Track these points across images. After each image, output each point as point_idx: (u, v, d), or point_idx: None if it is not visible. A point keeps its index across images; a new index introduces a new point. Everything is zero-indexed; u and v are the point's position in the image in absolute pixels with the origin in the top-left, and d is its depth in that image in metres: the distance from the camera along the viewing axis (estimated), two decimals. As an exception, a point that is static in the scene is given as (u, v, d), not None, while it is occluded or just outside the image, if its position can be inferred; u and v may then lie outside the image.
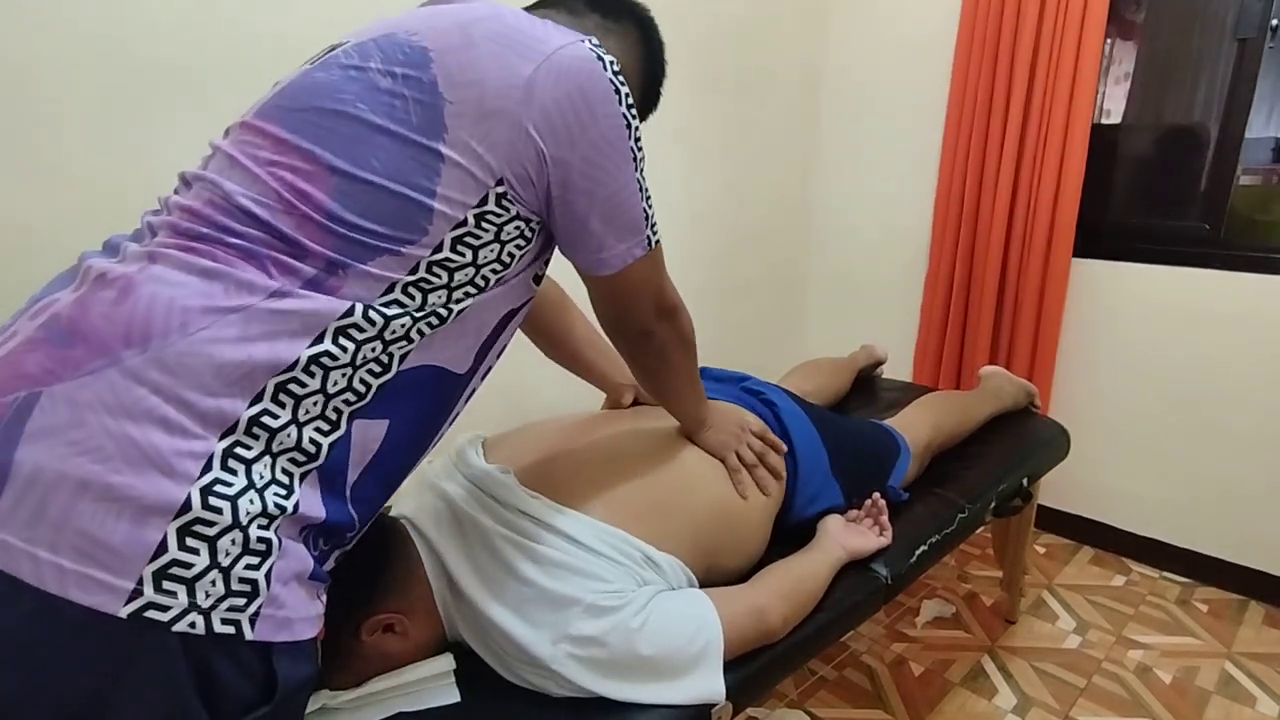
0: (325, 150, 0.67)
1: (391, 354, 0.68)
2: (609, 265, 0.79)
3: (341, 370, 0.65)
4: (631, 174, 0.77)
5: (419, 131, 0.68)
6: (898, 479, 1.35)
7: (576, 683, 0.83)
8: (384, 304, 0.66)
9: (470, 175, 0.69)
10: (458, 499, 0.95)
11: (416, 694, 0.84)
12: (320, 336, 0.63)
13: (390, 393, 0.68)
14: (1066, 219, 2.06)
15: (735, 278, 2.48)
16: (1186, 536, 2.10)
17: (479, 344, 0.76)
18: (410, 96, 0.69)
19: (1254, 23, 1.87)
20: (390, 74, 0.70)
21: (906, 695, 1.62)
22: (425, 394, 0.73)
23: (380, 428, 0.69)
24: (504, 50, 0.70)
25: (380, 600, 0.83)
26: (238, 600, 0.58)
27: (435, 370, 0.72)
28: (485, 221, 0.71)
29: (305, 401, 0.63)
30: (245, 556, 0.58)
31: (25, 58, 1.12)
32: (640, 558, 0.92)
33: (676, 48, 2.05)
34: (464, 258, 0.71)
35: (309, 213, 0.65)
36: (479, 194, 0.70)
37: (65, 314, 0.61)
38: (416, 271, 0.68)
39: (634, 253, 0.79)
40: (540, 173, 0.72)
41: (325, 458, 0.65)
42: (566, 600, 0.84)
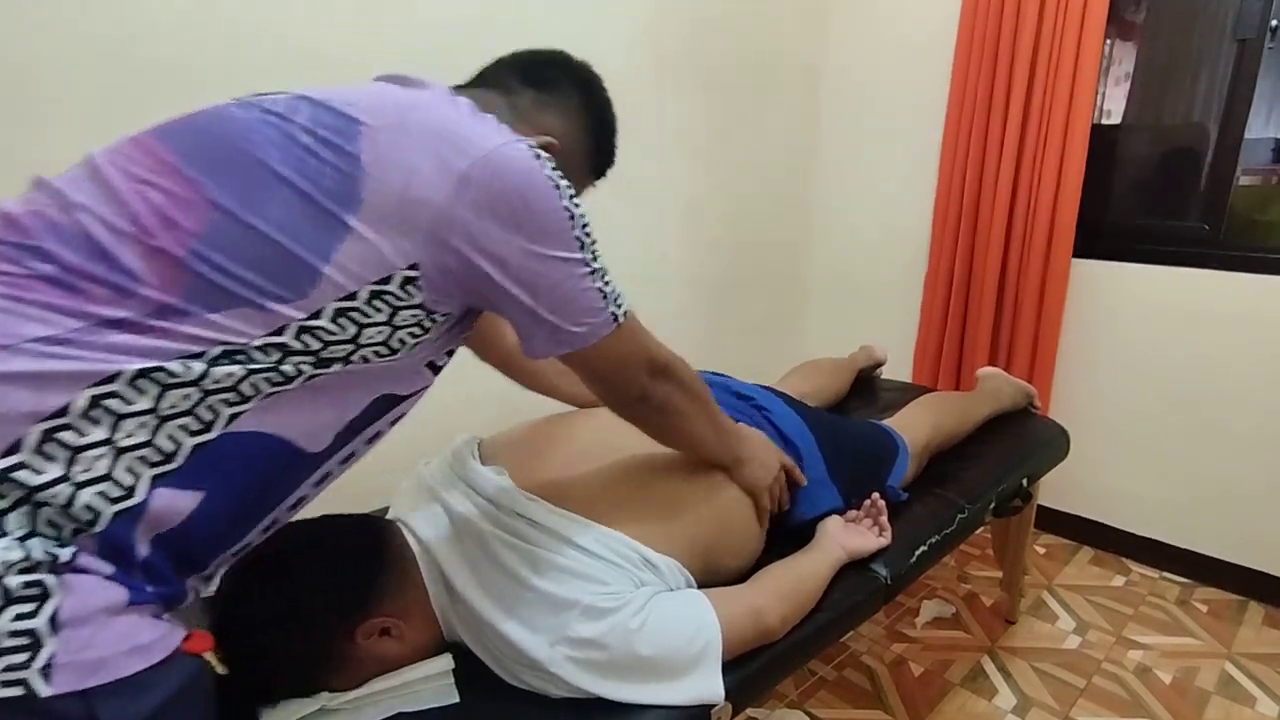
0: (213, 183, 0.61)
1: (215, 409, 0.59)
2: (569, 344, 0.75)
3: (138, 419, 0.56)
4: (576, 266, 0.72)
5: (329, 196, 0.62)
6: (897, 479, 1.35)
7: (576, 684, 0.83)
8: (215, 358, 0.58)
9: (378, 253, 0.63)
10: (454, 503, 0.94)
11: (416, 694, 0.84)
12: (109, 377, 0.55)
13: (209, 458, 0.59)
14: (1066, 219, 2.06)
15: (735, 277, 2.48)
16: (1186, 536, 2.10)
17: (342, 424, 0.68)
18: (328, 160, 0.64)
19: (1254, 23, 1.87)
20: (312, 133, 0.65)
21: (906, 695, 1.62)
22: (258, 469, 0.63)
23: (188, 500, 0.59)
24: (439, 143, 0.66)
25: (375, 604, 0.83)
26: (15, 657, 0.50)
27: (277, 442, 0.63)
28: (380, 300, 0.64)
29: (83, 455, 0.54)
30: (10, 607, 0.51)
31: (25, 58, 1.12)
32: (638, 559, 0.92)
33: (676, 48, 2.07)
34: (342, 331, 0.63)
35: (166, 245, 0.58)
36: (382, 272, 0.64)
37: None
38: (281, 334, 0.60)
39: (599, 332, 0.75)
40: (469, 268, 0.67)
41: (105, 526, 0.55)
42: (564, 603, 0.84)
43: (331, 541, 0.85)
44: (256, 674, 0.80)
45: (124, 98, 1.21)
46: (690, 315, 2.36)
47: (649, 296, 2.20)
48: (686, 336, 2.36)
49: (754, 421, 1.25)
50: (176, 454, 0.58)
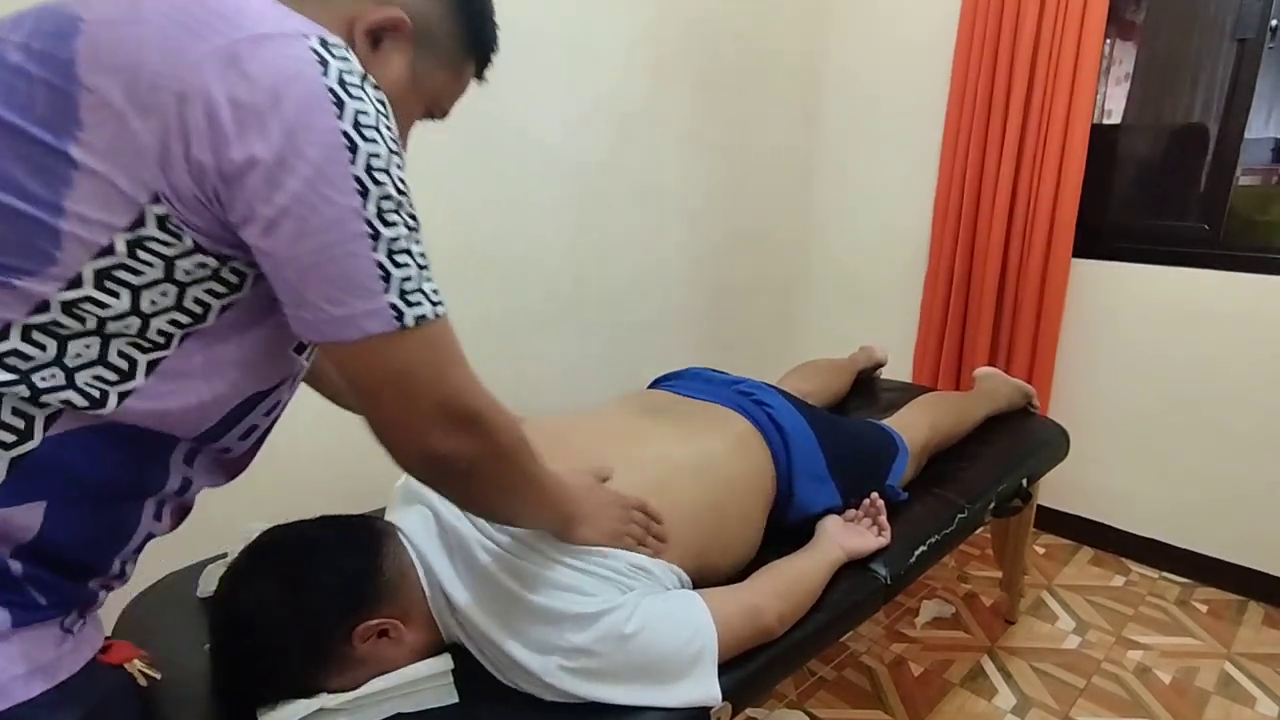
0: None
1: (27, 414, 0.51)
2: (322, 331, 0.54)
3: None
4: (349, 217, 0.52)
5: (41, 125, 0.49)
6: (896, 479, 1.35)
7: (570, 692, 0.83)
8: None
9: (112, 187, 0.49)
10: (441, 506, 0.94)
11: (415, 695, 0.84)
12: None
13: (33, 468, 0.52)
14: (1066, 219, 2.06)
15: (735, 277, 2.48)
16: (1186, 536, 2.10)
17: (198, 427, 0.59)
18: (38, 76, 0.50)
19: (1254, 23, 1.87)
20: (26, 46, 0.51)
21: (906, 695, 1.62)
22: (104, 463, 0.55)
23: (31, 514, 0.52)
24: (178, 28, 0.49)
25: (374, 606, 0.83)
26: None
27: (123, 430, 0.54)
28: (145, 251, 0.51)
29: None
30: None
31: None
32: (626, 568, 0.91)
33: (676, 48, 2.06)
34: (116, 300, 0.51)
35: None
36: (130, 213, 0.50)
37: None
38: (44, 312, 0.50)
39: (367, 326, 0.54)
40: (214, 193, 0.50)
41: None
42: (553, 614, 0.83)
43: (330, 542, 0.85)
44: (255, 675, 0.80)
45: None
46: (691, 316, 2.36)
47: (650, 297, 2.20)
48: (687, 337, 2.36)
49: (754, 416, 1.25)
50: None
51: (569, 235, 1.94)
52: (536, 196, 1.85)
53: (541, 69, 1.76)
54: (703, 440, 1.16)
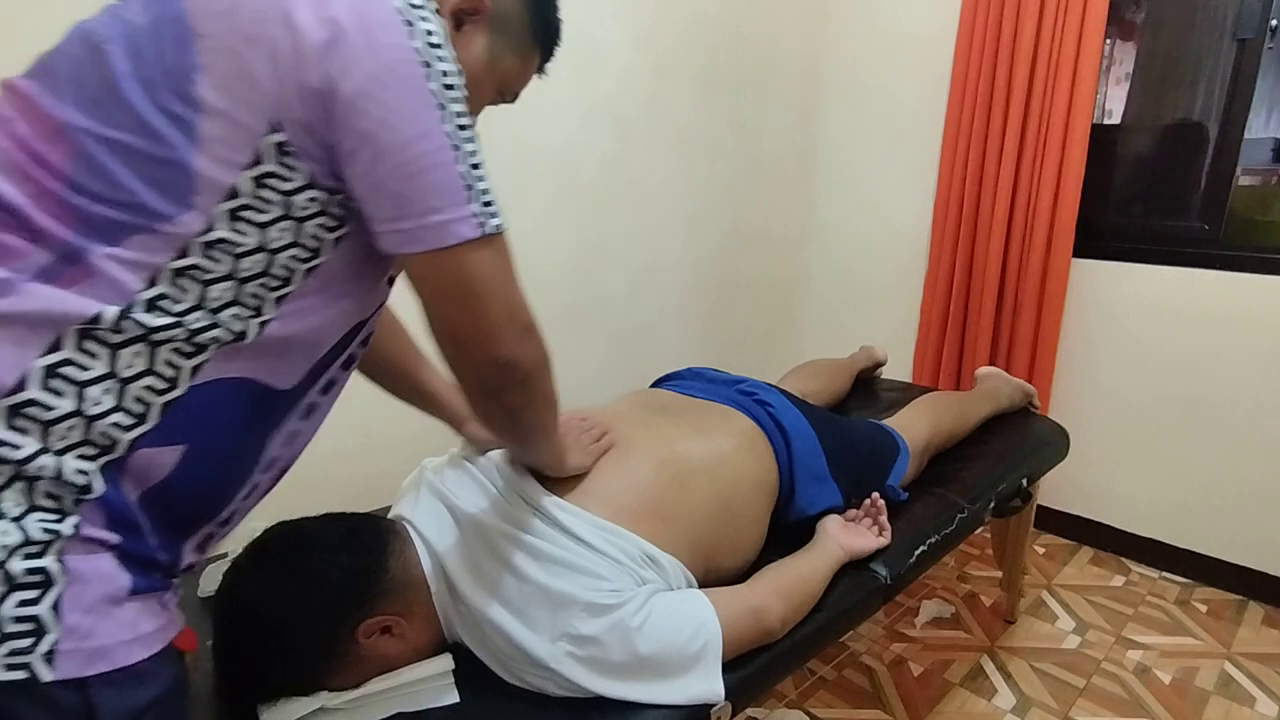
0: (67, 102, 0.55)
1: (176, 364, 0.56)
2: (418, 239, 0.59)
3: (101, 386, 0.54)
4: (435, 124, 0.58)
5: (169, 74, 0.54)
6: (896, 479, 1.35)
7: (575, 682, 0.83)
8: (146, 302, 0.54)
9: (234, 122, 0.55)
10: (456, 497, 0.95)
11: (415, 694, 0.84)
12: (56, 344, 0.52)
13: (181, 412, 0.57)
14: (1066, 219, 2.06)
15: (735, 277, 2.48)
16: (1186, 537, 2.10)
17: (311, 360, 0.64)
18: (159, 32, 0.55)
19: (1254, 23, 1.88)
20: (141, 15, 0.56)
21: (906, 695, 1.62)
22: (236, 412, 0.60)
23: (171, 455, 0.57)
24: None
25: (377, 602, 0.83)
26: (20, 642, 0.51)
27: (246, 384, 0.60)
28: (266, 188, 0.56)
29: (57, 427, 0.53)
30: (14, 594, 0.51)
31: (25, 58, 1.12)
32: (640, 556, 0.92)
33: (676, 48, 2.07)
34: (246, 239, 0.57)
35: (43, 181, 0.53)
36: (250, 148, 0.55)
37: None
38: (185, 255, 0.55)
39: (458, 229, 0.59)
40: (321, 113, 0.56)
41: (102, 493, 0.55)
42: (565, 599, 0.84)
43: (333, 538, 0.85)
44: (257, 671, 0.80)
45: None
46: (691, 315, 2.36)
47: (650, 297, 2.20)
48: (687, 337, 2.36)
49: (756, 416, 1.25)
50: (148, 413, 0.56)
51: (569, 235, 1.94)
52: (536, 197, 1.85)
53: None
54: (714, 440, 1.16)
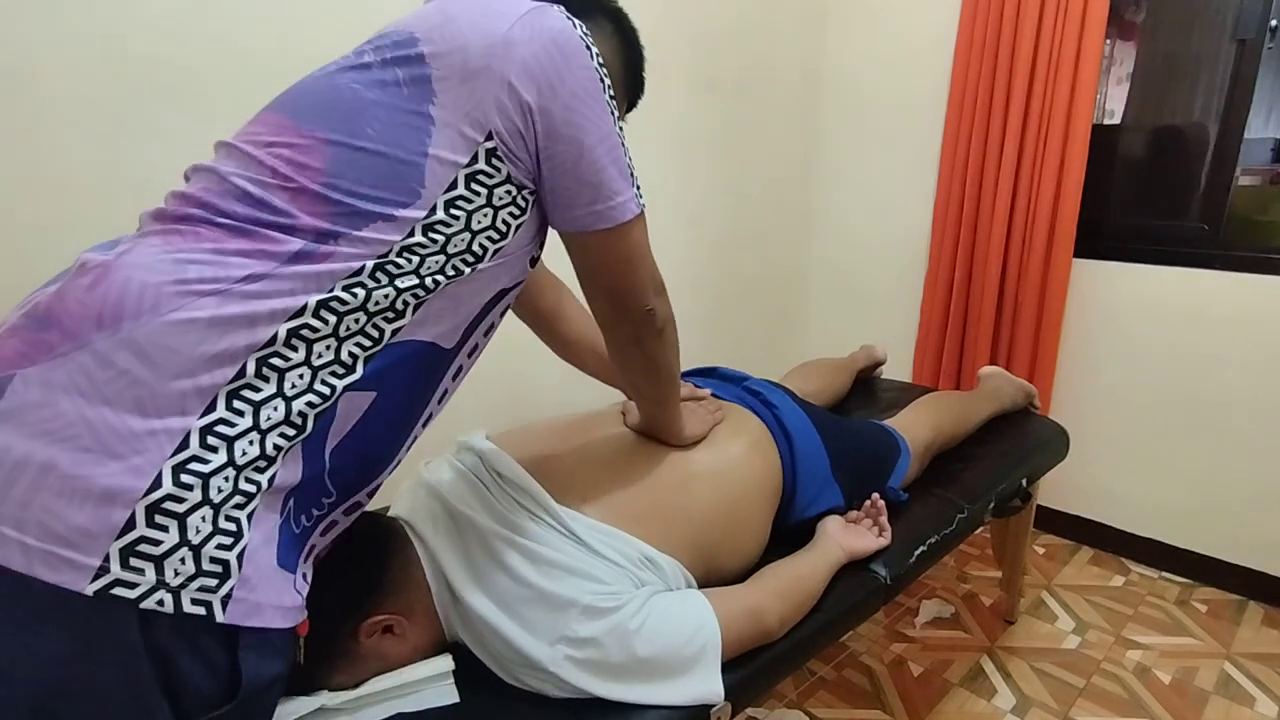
0: (322, 127, 0.70)
1: (380, 327, 0.69)
2: (607, 218, 0.78)
3: (324, 342, 0.65)
4: (612, 126, 0.78)
5: (410, 100, 0.71)
6: (897, 480, 1.35)
7: (575, 685, 0.83)
8: (369, 274, 0.67)
9: (459, 134, 0.71)
10: (454, 499, 0.95)
11: (416, 694, 0.84)
12: (299, 311, 0.64)
13: (378, 365, 0.69)
14: (1067, 219, 2.06)
15: (735, 278, 2.48)
16: (1186, 537, 2.10)
17: (468, 320, 0.77)
18: (401, 72, 0.72)
19: (1253, 24, 1.87)
20: (382, 60, 0.74)
21: (905, 695, 1.62)
22: (413, 368, 0.73)
23: (366, 399, 0.69)
24: (479, 16, 0.74)
25: (378, 602, 0.83)
26: (209, 580, 0.57)
27: (423, 345, 0.73)
28: (476, 183, 0.72)
29: (290, 374, 0.63)
30: (216, 536, 0.58)
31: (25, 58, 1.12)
32: (638, 558, 0.92)
33: (676, 48, 2.07)
34: (458, 222, 0.72)
35: (305, 183, 0.67)
36: (469, 151, 0.72)
37: (45, 302, 0.61)
38: (412, 235, 0.69)
39: (630, 208, 0.79)
40: (528, 124, 0.73)
41: (310, 429, 0.65)
42: (563, 601, 0.84)
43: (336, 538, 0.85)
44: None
45: (123, 96, 1.21)
46: (692, 316, 2.35)
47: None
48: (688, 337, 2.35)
49: (763, 417, 1.25)
50: (355, 365, 0.67)
51: (569, 235, 1.94)
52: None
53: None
54: (720, 442, 1.16)
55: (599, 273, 0.84)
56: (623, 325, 0.89)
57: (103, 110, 1.20)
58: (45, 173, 1.16)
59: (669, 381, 1.01)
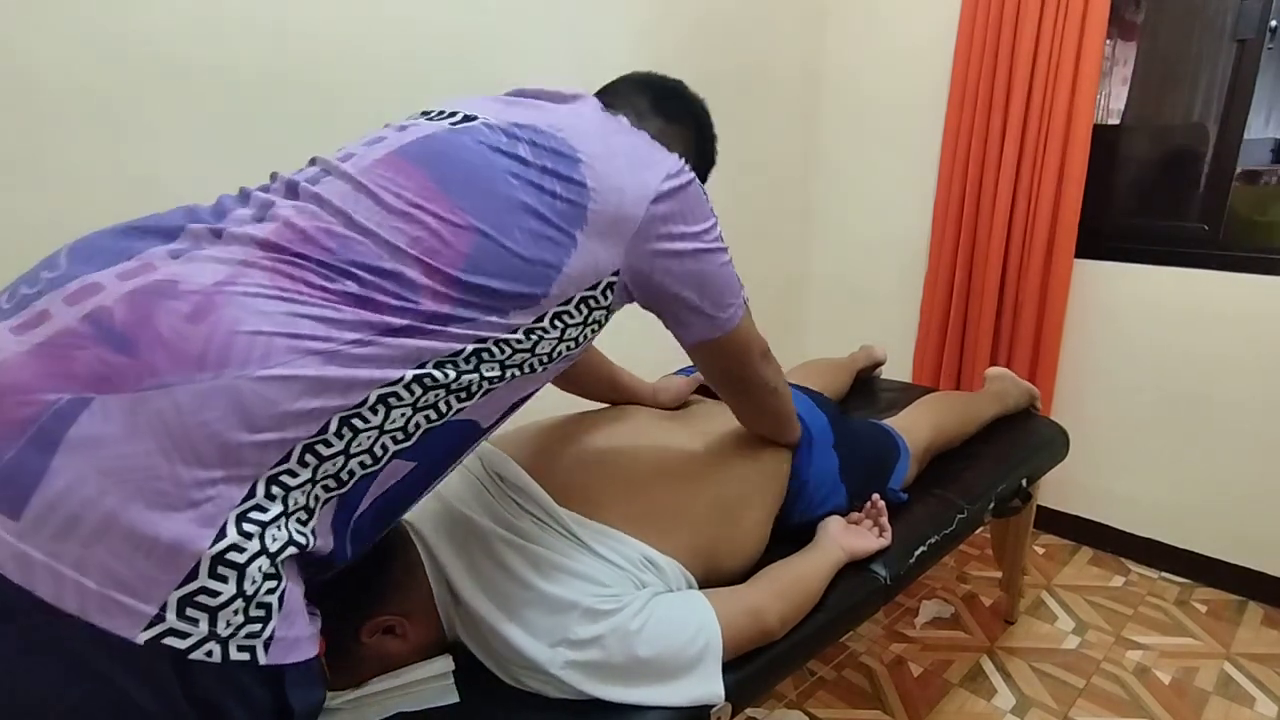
0: (474, 212, 0.71)
1: (450, 404, 0.70)
2: (723, 327, 0.90)
3: (402, 410, 0.66)
4: (723, 255, 0.88)
5: (562, 218, 0.75)
6: (897, 481, 1.35)
7: (575, 686, 0.83)
8: (464, 358, 0.69)
9: (595, 263, 0.77)
10: (455, 500, 0.95)
11: (416, 694, 0.84)
12: (395, 381, 0.65)
13: (430, 438, 0.70)
14: (1068, 220, 2.06)
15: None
16: (1185, 537, 2.10)
17: (509, 407, 0.80)
18: (558, 186, 0.76)
19: (1253, 24, 1.87)
20: (541, 165, 0.76)
21: (905, 696, 1.62)
22: (455, 443, 0.75)
23: (407, 467, 0.70)
24: (637, 166, 0.81)
25: (380, 602, 0.83)
26: (254, 626, 0.57)
27: (470, 424, 0.74)
28: (585, 305, 0.78)
29: (361, 435, 0.64)
30: (267, 581, 0.57)
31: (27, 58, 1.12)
32: (639, 560, 0.92)
33: (676, 48, 2.07)
34: (555, 331, 0.76)
35: (442, 265, 0.68)
36: (594, 279, 0.78)
37: (118, 313, 0.57)
38: (514, 333, 0.72)
39: (739, 314, 0.92)
40: (654, 269, 0.82)
41: (351, 487, 0.65)
42: (564, 604, 0.84)
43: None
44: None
45: (124, 97, 1.21)
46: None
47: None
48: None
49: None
50: (414, 435, 0.69)
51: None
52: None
53: (542, 69, 1.76)
54: (723, 442, 1.16)
55: (715, 367, 1.00)
56: (748, 403, 1.08)
57: (103, 110, 1.20)
58: (45, 172, 1.16)
59: (794, 430, 1.20)
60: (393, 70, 1.51)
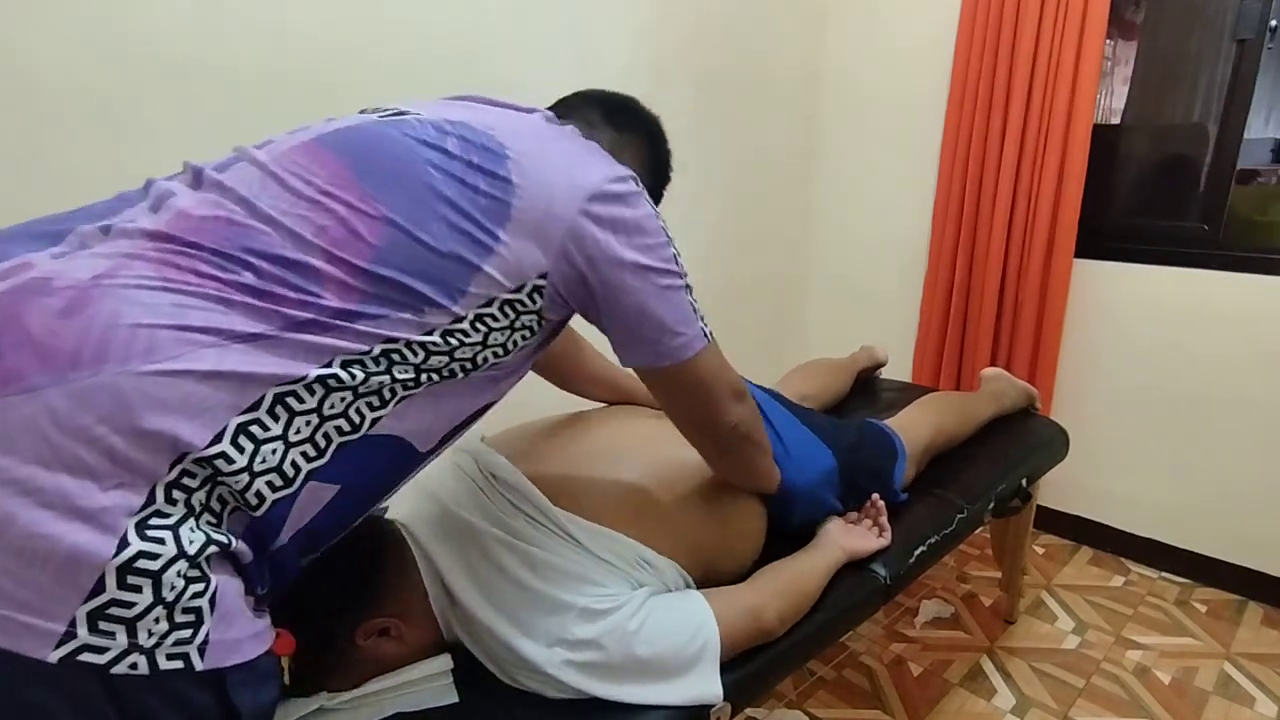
0: (386, 200, 0.67)
1: (362, 413, 0.65)
2: (670, 356, 0.81)
3: (306, 418, 0.61)
4: (675, 279, 0.80)
5: (484, 214, 0.71)
6: (896, 481, 1.35)
7: (573, 686, 0.83)
8: (373, 358, 0.64)
9: (518, 265, 0.72)
10: (450, 502, 0.95)
11: (414, 694, 0.84)
12: (295, 379, 0.60)
13: (349, 455, 0.65)
14: (1068, 220, 2.06)
15: (735, 279, 2.48)
16: (1185, 537, 2.10)
17: (447, 427, 0.75)
18: (482, 182, 0.72)
19: (1253, 24, 1.87)
20: (465, 159, 0.73)
21: (905, 695, 1.62)
22: (382, 464, 0.70)
23: (329, 492, 0.64)
24: (573, 169, 0.76)
25: (375, 604, 0.83)
26: (183, 632, 0.54)
27: (399, 442, 0.69)
28: (509, 308, 0.73)
29: (264, 448, 0.59)
30: (191, 585, 0.54)
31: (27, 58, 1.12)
32: (635, 560, 0.92)
33: (676, 47, 2.07)
34: (476, 334, 0.71)
35: (347, 255, 0.64)
36: (518, 281, 0.72)
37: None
38: (430, 334, 0.68)
39: (694, 345, 0.81)
40: (588, 278, 0.75)
41: (264, 511, 0.60)
42: (561, 604, 0.84)
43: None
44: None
45: (124, 97, 1.21)
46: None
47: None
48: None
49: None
50: (326, 450, 0.63)
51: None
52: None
53: (542, 69, 1.76)
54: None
55: (670, 403, 0.89)
56: (710, 444, 0.95)
57: (103, 110, 1.20)
58: (45, 172, 1.16)
59: (766, 479, 1.08)
60: (393, 70, 1.51)
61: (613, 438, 1.12)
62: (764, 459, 1.03)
